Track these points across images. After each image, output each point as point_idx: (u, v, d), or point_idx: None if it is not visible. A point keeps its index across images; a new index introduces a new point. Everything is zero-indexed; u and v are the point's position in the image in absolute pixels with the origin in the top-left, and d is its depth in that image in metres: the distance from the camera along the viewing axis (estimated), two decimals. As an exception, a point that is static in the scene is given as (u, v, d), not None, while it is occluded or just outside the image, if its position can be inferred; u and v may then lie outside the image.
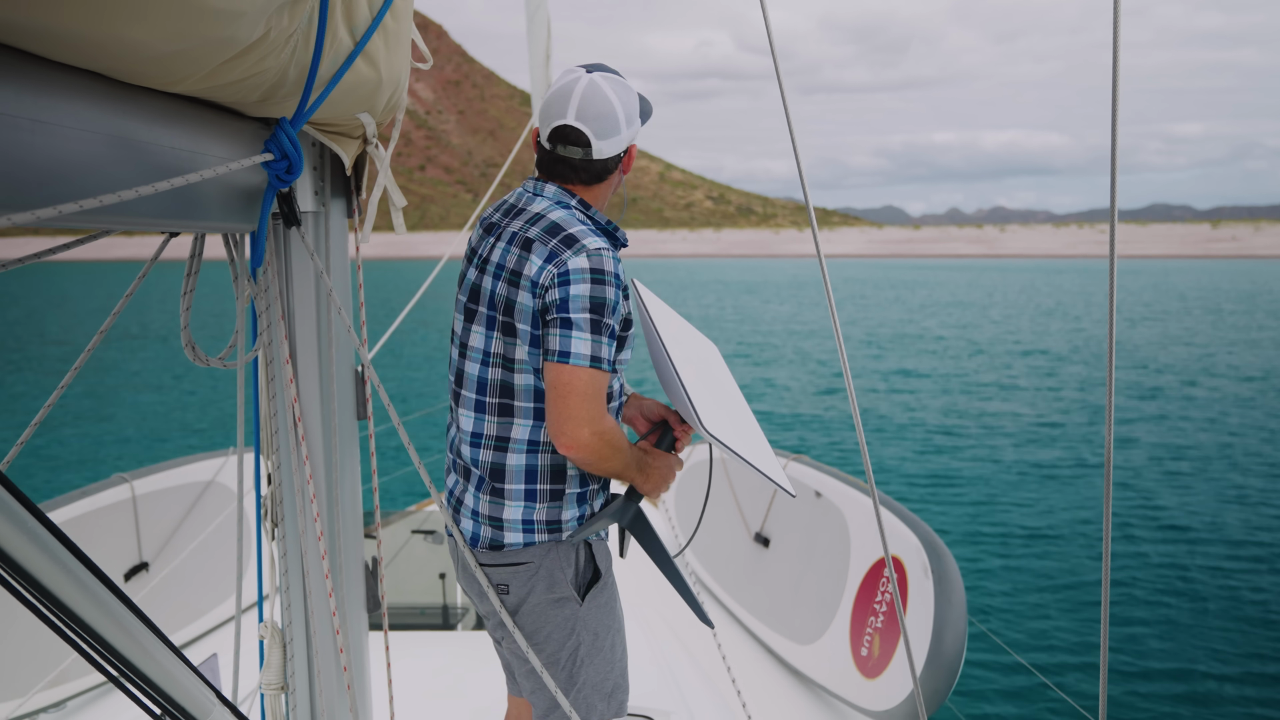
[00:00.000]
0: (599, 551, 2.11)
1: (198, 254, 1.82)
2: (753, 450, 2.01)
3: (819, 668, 3.81)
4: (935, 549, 3.45)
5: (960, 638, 3.14)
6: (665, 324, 2.11)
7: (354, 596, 2.19)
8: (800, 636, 4.01)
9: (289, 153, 1.62)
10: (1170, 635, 7.11)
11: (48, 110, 1.15)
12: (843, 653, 3.67)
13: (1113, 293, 1.49)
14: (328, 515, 2.09)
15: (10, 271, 1.49)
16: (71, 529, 3.85)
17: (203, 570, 4.29)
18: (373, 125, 1.95)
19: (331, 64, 1.62)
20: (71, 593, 1.08)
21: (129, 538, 4.18)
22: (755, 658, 4.14)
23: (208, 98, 1.48)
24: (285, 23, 1.40)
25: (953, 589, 3.27)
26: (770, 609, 4.34)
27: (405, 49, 1.93)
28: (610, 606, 2.12)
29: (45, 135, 1.14)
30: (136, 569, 4.18)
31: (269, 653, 2.09)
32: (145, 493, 4.26)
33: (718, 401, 2.06)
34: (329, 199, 2.06)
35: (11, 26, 1.01)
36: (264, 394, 2.04)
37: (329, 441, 2.09)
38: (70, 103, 1.20)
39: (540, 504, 2.02)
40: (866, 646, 3.56)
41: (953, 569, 3.37)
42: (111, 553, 4.09)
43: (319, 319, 2.04)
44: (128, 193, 1.27)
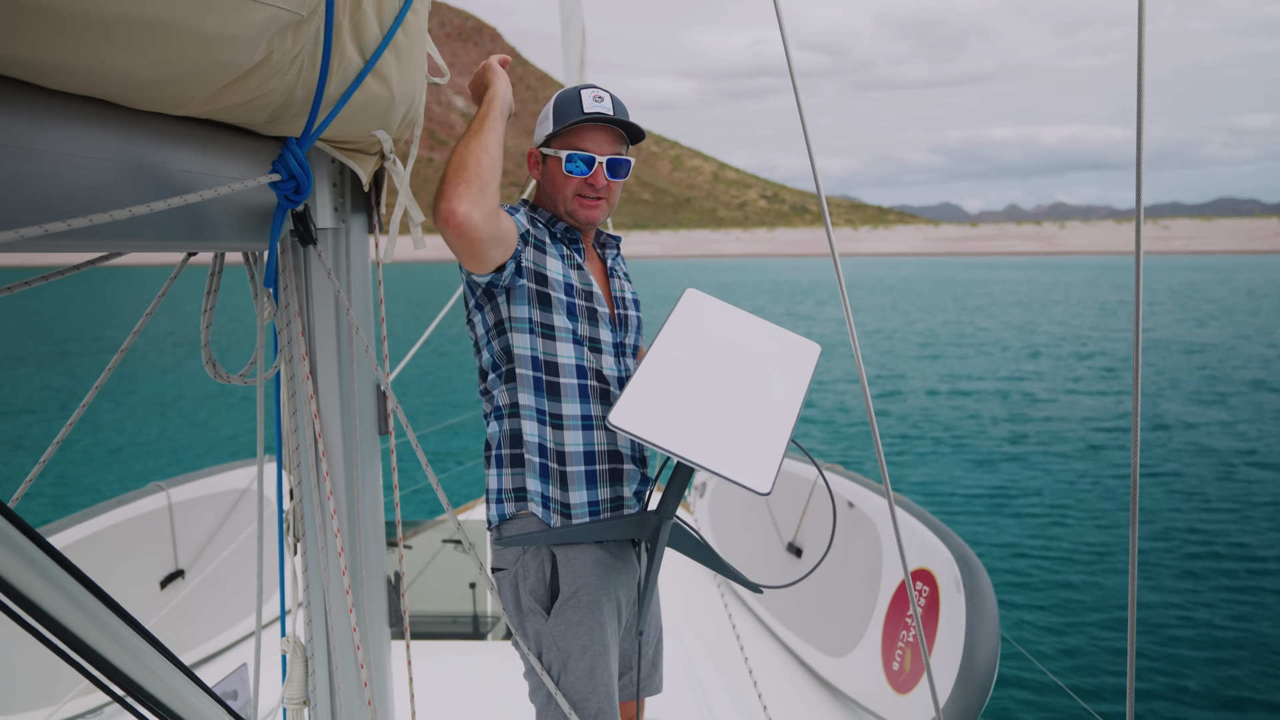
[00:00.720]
0: (567, 566, 2.03)
1: (217, 272, 1.84)
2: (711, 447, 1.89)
3: (851, 681, 3.76)
4: (967, 562, 3.38)
5: (992, 654, 3.07)
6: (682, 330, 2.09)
7: (375, 611, 2.19)
8: (832, 649, 3.96)
9: (296, 173, 1.62)
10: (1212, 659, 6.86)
11: (51, 139, 1.15)
12: (874, 666, 3.62)
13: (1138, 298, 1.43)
14: (348, 530, 2.09)
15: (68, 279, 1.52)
16: (109, 536, 3.93)
17: (237, 577, 4.35)
18: (389, 142, 1.94)
19: (340, 83, 1.61)
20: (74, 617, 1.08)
21: (165, 545, 4.25)
22: (787, 669, 4.09)
23: (221, 119, 1.49)
24: (289, 44, 1.39)
25: (985, 603, 3.20)
26: (803, 620, 4.29)
27: (420, 65, 1.92)
28: (586, 627, 2.03)
29: (49, 163, 1.15)
30: (173, 576, 4.25)
31: (291, 667, 2.10)
32: (181, 500, 4.34)
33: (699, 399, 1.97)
34: (349, 215, 2.06)
35: (6, 59, 1.01)
36: (285, 410, 2.05)
37: (350, 457, 2.09)
38: (74, 129, 1.20)
39: (508, 469, 2.09)
40: (898, 660, 3.50)
41: (985, 583, 3.30)
42: (148, 560, 4.16)
43: (339, 335, 2.05)
44: (140, 208, 1.27)
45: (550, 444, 2.04)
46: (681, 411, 1.91)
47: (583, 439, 2.06)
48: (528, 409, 2.05)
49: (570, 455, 2.05)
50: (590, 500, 2.06)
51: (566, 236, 2.12)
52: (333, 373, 2.06)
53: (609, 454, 2.09)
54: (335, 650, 2.10)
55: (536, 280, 2.03)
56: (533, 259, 2.03)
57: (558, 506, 2.04)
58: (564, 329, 2.04)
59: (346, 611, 2.07)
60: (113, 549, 3.94)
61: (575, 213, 2.10)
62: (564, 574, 2.03)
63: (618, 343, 2.14)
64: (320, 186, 1.97)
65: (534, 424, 2.05)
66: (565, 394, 2.05)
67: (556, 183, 2.09)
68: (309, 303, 2.02)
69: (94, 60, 1.08)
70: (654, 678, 2.31)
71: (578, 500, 2.05)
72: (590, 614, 2.03)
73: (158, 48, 1.12)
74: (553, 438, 2.04)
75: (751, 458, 1.89)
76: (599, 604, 2.04)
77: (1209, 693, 6.29)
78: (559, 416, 2.05)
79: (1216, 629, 7.31)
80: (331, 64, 1.53)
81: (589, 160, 2.05)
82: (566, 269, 2.07)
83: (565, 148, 2.06)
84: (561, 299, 2.05)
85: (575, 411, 2.06)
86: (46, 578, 1.00)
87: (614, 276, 2.23)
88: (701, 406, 1.95)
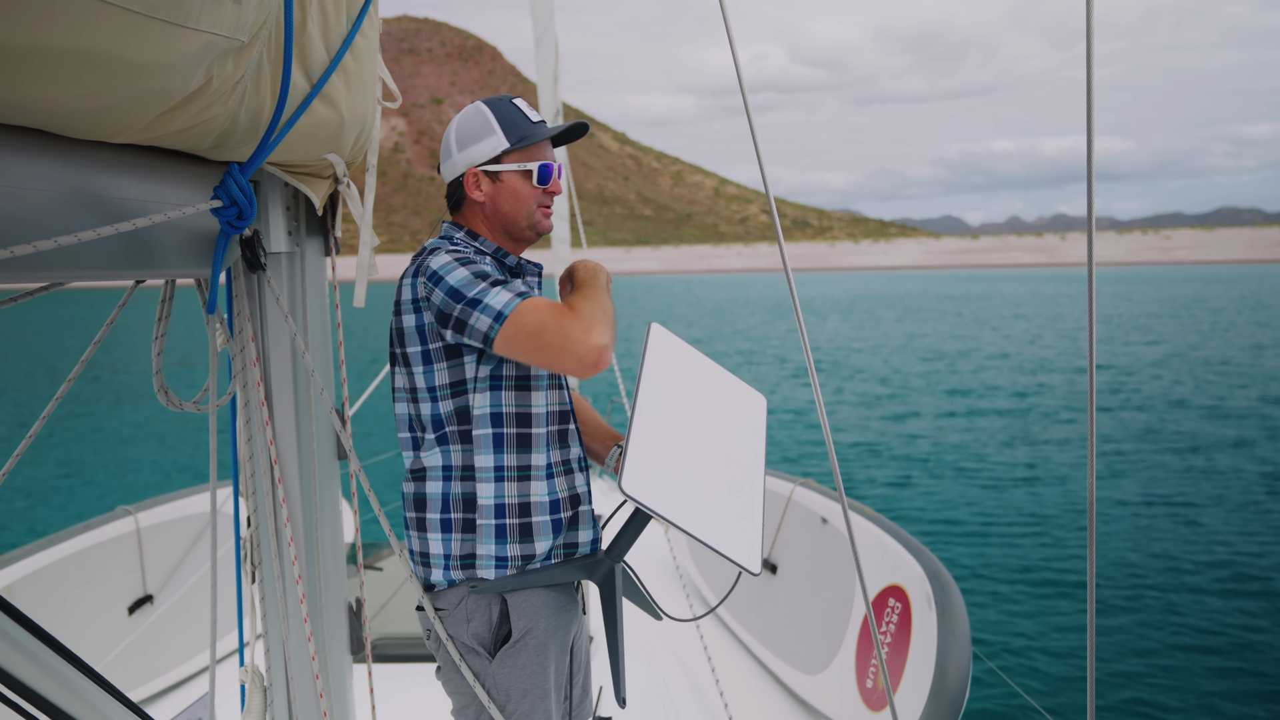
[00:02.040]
0: (518, 608, 1.95)
1: (168, 298, 1.82)
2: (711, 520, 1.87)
3: (827, 699, 3.73)
4: (939, 578, 3.37)
5: (964, 671, 3.04)
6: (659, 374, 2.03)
7: (335, 638, 2.16)
8: (807, 666, 3.94)
9: (238, 199, 1.60)
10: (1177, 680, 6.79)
11: None
12: (848, 683, 3.60)
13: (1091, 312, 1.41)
14: (306, 557, 2.07)
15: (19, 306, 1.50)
16: (76, 562, 3.89)
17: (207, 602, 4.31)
18: (342, 165, 1.93)
19: (287, 108, 1.60)
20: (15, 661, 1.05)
21: (134, 570, 4.21)
22: (762, 686, 4.06)
23: (162, 146, 1.47)
24: (230, 70, 1.37)
25: (956, 620, 3.18)
26: (777, 637, 4.27)
27: (371, 88, 1.91)
28: (529, 670, 1.95)
29: None
30: (141, 601, 4.22)
31: (250, 697, 2.07)
32: (149, 525, 4.30)
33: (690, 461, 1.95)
34: (304, 238, 2.05)
35: None
36: (241, 437, 2.03)
37: (307, 483, 2.07)
38: (10, 159, 1.18)
39: (455, 534, 1.94)
40: (871, 678, 3.49)
41: (957, 600, 3.28)
42: (116, 585, 4.13)
43: (294, 360, 2.02)
44: (86, 234, 1.25)
45: (513, 499, 1.93)
46: (678, 479, 1.88)
47: (548, 488, 1.96)
48: (484, 470, 1.93)
49: (536, 505, 1.95)
50: (553, 548, 1.97)
51: (523, 266, 2.05)
52: (288, 398, 2.04)
53: (570, 499, 2.01)
54: (293, 679, 2.07)
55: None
56: None
57: (517, 563, 1.94)
58: (539, 374, 1.96)
59: (305, 640, 2.04)
60: (80, 574, 3.91)
61: (539, 224, 2.03)
62: (515, 616, 1.94)
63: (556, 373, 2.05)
64: (274, 211, 1.95)
65: (490, 485, 1.92)
66: (536, 444, 1.95)
67: (520, 198, 1.99)
68: (263, 328, 2.00)
69: (18, 92, 1.06)
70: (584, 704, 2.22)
71: (541, 549, 1.95)
72: (535, 657, 1.95)
73: (86, 78, 1.09)
74: (517, 490, 1.93)
75: (741, 531, 1.90)
76: (545, 647, 1.96)
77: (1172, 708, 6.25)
78: (527, 469, 1.94)
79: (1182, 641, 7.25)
80: (276, 89, 1.51)
81: (550, 167, 2.00)
82: None
83: (527, 160, 1.99)
84: None
85: (544, 461, 1.96)
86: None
87: None
88: (693, 471, 1.93)
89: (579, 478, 2.06)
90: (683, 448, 1.95)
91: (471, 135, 1.98)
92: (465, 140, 1.99)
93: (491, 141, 1.97)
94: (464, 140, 1.99)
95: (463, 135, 1.99)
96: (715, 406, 2.13)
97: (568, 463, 2.04)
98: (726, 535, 1.86)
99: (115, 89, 1.15)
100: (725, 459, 2.03)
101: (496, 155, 1.97)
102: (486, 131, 1.97)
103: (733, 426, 2.13)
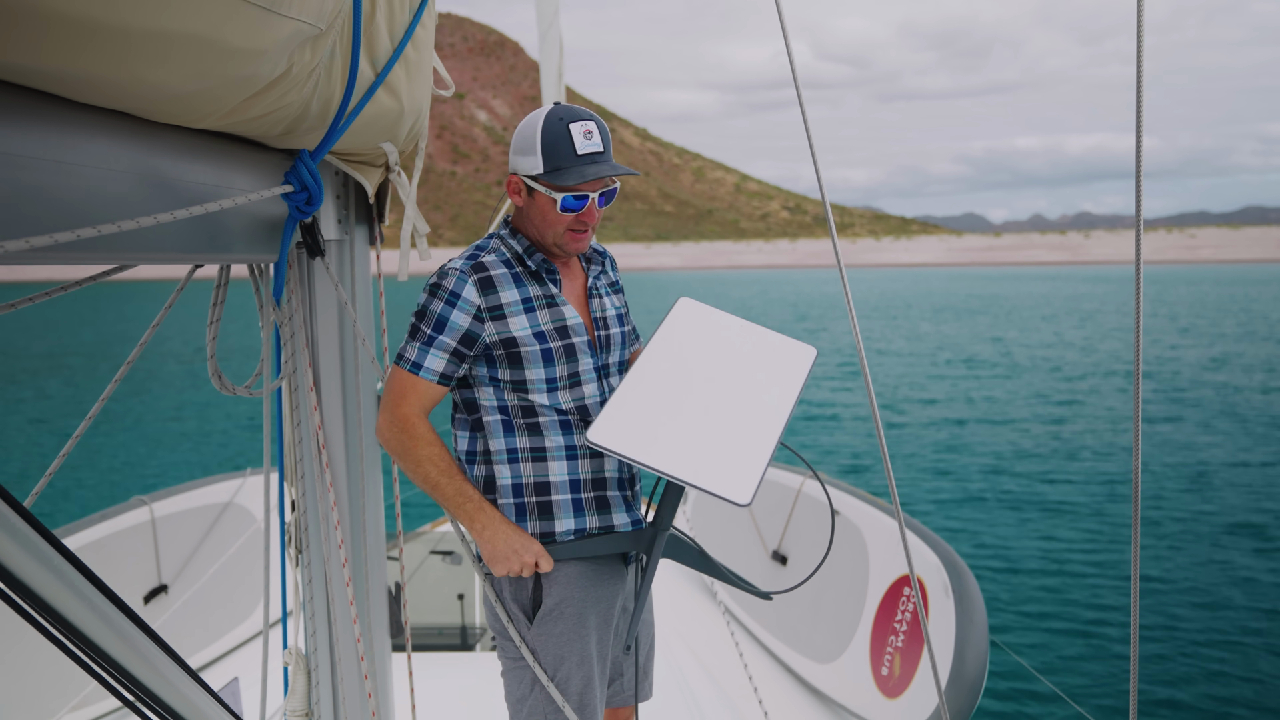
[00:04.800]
0: (549, 579, 2.03)
1: (223, 284, 1.85)
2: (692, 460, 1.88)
3: (839, 687, 3.76)
4: (956, 568, 3.41)
5: (982, 657, 3.09)
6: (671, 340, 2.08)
7: (379, 621, 2.19)
8: (819, 655, 3.95)
9: (309, 184, 1.64)
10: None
11: (70, 150, 1.15)
12: (863, 671, 3.62)
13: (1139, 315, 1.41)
14: (352, 541, 2.10)
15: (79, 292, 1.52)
16: (92, 552, 3.92)
17: (221, 592, 4.34)
18: (395, 154, 1.96)
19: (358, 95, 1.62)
20: (89, 621, 1.08)
21: (149, 560, 4.25)
22: (774, 676, 4.07)
23: (234, 132, 1.50)
24: (307, 58, 1.40)
25: (974, 608, 3.23)
26: (789, 627, 4.28)
27: (427, 78, 1.94)
28: (567, 639, 2.04)
29: (67, 175, 1.15)
30: (156, 591, 4.25)
31: (293, 679, 2.10)
32: (164, 515, 4.32)
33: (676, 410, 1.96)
34: (352, 227, 2.08)
35: (37, 72, 1.01)
36: (288, 421, 2.06)
37: (354, 467, 2.10)
38: (93, 142, 1.20)
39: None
40: (887, 665, 3.51)
41: (974, 588, 3.33)
42: (132, 575, 4.16)
43: (342, 347, 2.05)
44: (147, 220, 1.27)
45: (529, 479, 2.02)
46: (661, 425, 1.90)
47: (567, 468, 2.03)
48: (499, 453, 2.03)
49: (555, 485, 2.02)
50: (577, 529, 2.04)
51: (544, 267, 2.07)
52: (336, 383, 2.07)
53: (594, 482, 2.06)
54: (340, 661, 2.10)
55: (505, 345, 1.99)
56: (496, 330, 1.98)
57: (538, 540, 2.02)
58: (537, 380, 2.01)
59: (350, 622, 2.07)
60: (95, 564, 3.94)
61: (567, 246, 2.05)
62: (547, 586, 2.04)
63: (599, 366, 2.09)
64: (326, 199, 1.98)
65: (505, 466, 2.02)
66: (546, 430, 2.02)
67: (547, 219, 2.01)
68: (312, 315, 2.03)
69: (129, 73, 1.08)
70: (644, 685, 2.32)
71: (563, 529, 2.02)
72: (574, 626, 2.04)
73: (191, 61, 1.13)
74: (534, 471, 2.02)
75: (733, 469, 1.88)
76: (584, 616, 2.04)
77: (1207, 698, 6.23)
78: (541, 449, 2.02)
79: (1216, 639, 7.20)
80: (345, 77, 1.54)
81: (584, 198, 1.99)
82: (535, 318, 2.01)
83: (558, 188, 1.98)
84: (534, 351, 2.00)
85: (558, 443, 2.03)
86: (62, 579, 0.99)
87: (594, 296, 2.15)
88: (683, 418, 1.94)
89: (612, 462, 2.07)
90: (675, 399, 1.97)
91: (519, 145, 2.03)
92: (517, 146, 2.04)
93: (530, 160, 1.99)
94: (516, 145, 2.04)
95: (517, 141, 2.04)
96: (737, 363, 2.13)
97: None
98: (710, 472, 1.86)
99: (214, 73, 1.18)
100: (733, 410, 2.01)
101: (533, 174, 1.99)
102: (529, 149, 1.99)
103: (755, 378, 2.11)
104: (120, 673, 1.12)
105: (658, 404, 1.94)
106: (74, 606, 1.04)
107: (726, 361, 2.11)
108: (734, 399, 2.03)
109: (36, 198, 1.09)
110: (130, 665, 1.12)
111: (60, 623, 1.03)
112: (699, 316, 2.16)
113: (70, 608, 1.03)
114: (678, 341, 2.07)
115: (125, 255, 1.37)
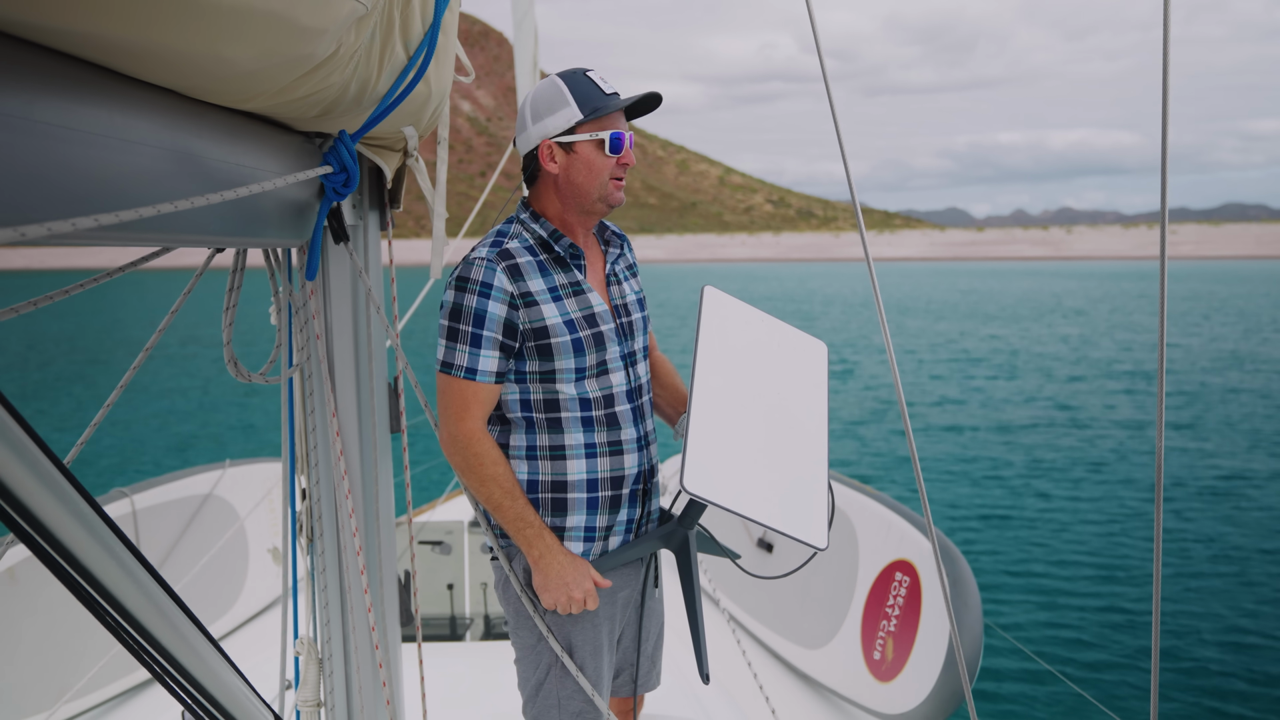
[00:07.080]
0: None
1: (240, 268, 1.82)
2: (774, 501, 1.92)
3: (829, 672, 3.78)
4: (948, 552, 3.43)
5: (976, 640, 3.13)
6: (715, 343, 2.06)
7: (391, 611, 2.18)
8: (808, 641, 3.97)
9: (348, 165, 1.63)
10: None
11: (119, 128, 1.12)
12: (854, 656, 3.64)
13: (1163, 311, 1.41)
14: (365, 529, 2.09)
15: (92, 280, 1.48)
16: None
17: (202, 584, 4.29)
18: (415, 138, 1.94)
19: (388, 78, 1.61)
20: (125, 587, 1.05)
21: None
22: (762, 663, 4.07)
23: (271, 114, 1.48)
24: (352, 39, 1.39)
25: (967, 590, 3.25)
26: (776, 614, 4.28)
27: (451, 63, 1.93)
28: (579, 628, 2.07)
29: (115, 152, 1.12)
30: None
31: (305, 669, 2.09)
32: (145, 507, 4.25)
33: (750, 443, 1.98)
34: (366, 212, 2.06)
35: (106, 43, 0.98)
36: (300, 409, 2.04)
37: (367, 455, 2.08)
38: (140, 120, 1.17)
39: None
40: (879, 650, 3.54)
41: (966, 572, 3.35)
42: None
43: (356, 334, 2.04)
44: (184, 203, 1.25)
45: (547, 477, 2.02)
46: (740, 463, 1.92)
47: (586, 467, 2.03)
48: (518, 449, 2.04)
49: (572, 484, 2.02)
50: (587, 525, 2.04)
51: (569, 252, 2.04)
52: (350, 371, 2.05)
53: (611, 480, 2.06)
54: (354, 651, 2.09)
55: (536, 337, 1.97)
56: (528, 319, 1.97)
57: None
58: (565, 370, 2.00)
59: (365, 611, 2.06)
60: None
61: (610, 196, 2.03)
62: None
63: (625, 354, 2.08)
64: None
65: (524, 463, 2.03)
66: (568, 426, 2.02)
67: (594, 169, 1.99)
68: (327, 302, 2.01)
69: (203, 48, 1.07)
70: (653, 674, 2.33)
71: (573, 524, 2.03)
72: (586, 616, 2.07)
73: (262, 37, 1.11)
74: (552, 470, 2.02)
75: (804, 508, 1.95)
76: (596, 607, 2.06)
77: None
78: (560, 448, 2.02)
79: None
80: (381, 60, 1.54)
81: (623, 138, 1.99)
82: (563, 306, 2.00)
83: (599, 129, 1.98)
84: (565, 341, 1.98)
85: (579, 441, 2.02)
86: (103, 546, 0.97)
87: (613, 282, 2.15)
88: (754, 451, 1.97)
89: (632, 458, 2.08)
90: (742, 429, 1.98)
91: (546, 107, 1.99)
92: (540, 112, 2.00)
93: (566, 113, 1.97)
94: (539, 112, 2.00)
95: (538, 107, 2.00)
96: (774, 369, 2.14)
97: (618, 444, 2.06)
98: (789, 513, 1.91)
99: (279, 50, 1.17)
100: (786, 429, 2.06)
101: (570, 126, 1.97)
102: (561, 103, 1.97)
103: (794, 387, 2.14)
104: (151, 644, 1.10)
105: (729, 436, 1.95)
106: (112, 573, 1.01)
107: (766, 369, 2.13)
108: (784, 420, 2.07)
109: (84, 177, 1.06)
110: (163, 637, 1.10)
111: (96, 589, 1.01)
112: (726, 310, 2.15)
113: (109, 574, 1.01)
114: (719, 345, 2.06)
115: (166, 238, 1.34)
